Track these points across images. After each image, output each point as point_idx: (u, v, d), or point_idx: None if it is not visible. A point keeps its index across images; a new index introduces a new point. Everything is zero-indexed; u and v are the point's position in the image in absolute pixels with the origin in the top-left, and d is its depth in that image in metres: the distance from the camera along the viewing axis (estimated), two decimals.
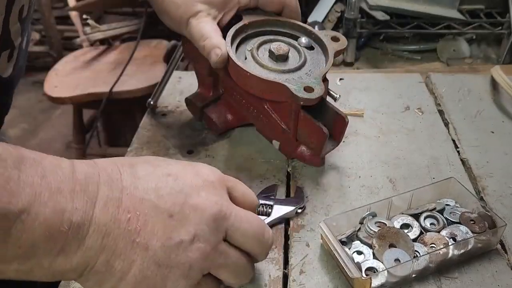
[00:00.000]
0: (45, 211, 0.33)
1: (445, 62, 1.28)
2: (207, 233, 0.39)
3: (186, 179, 0.40)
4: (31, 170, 0.33)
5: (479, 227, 0.52)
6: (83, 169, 0.37)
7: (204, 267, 0.40)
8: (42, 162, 0.35)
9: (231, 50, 0.59)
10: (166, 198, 0.38)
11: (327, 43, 0.61)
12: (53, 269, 0.35)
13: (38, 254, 0.34)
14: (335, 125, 0.60)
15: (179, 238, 0.38)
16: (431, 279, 0.50)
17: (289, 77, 0.58)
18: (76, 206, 0.35)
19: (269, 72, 0.58)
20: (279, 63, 0.60)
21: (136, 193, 0.38)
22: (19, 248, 0.33)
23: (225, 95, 0.70)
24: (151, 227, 0.37)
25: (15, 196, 0.32)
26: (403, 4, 1.28)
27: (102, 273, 0.37)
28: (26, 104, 2.81)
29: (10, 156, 0.33)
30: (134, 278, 0.37)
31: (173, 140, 0.70)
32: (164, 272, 0.38)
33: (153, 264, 0.37)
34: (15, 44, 0.52)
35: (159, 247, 0.37)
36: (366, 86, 0.83)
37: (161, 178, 0.40)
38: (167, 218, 0.38)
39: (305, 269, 0.51)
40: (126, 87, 1.70)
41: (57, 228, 0.34)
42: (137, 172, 0.39)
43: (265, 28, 0.64)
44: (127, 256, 0.37)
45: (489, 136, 0.71)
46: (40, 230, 0.33)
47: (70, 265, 0.35)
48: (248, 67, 0.58)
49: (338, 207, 0.59)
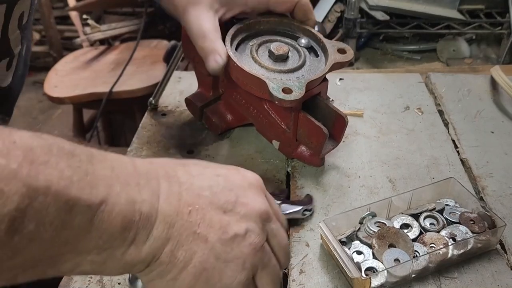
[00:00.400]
0: (120, 201, 0.35)
1: (445, 62, 1.28)
2: (257, 229, 0.41)
3: (235, 180, 0.42)
4: (101, 164, 0.35)
5: (478, 227, 0.52)
6: (143, 165, 0.39)
7: (255, 263, 0.41)
8: (108, 157, 0.37)
9: (229, 48, 0.59)
10: (219, 195, 0.40)
11: (330, 53, 0.60)
12: (124, 260, 0.36)
13: (114, 245, 0.35)
14: (335, 125, 0.60)
15: (233, 232, 0.39)
16: (431, 279, 0.50)
17: (277, 77, 0.57)
18: (144, 198, 0.36)
19: (265, 71, 0.58)
20: (278, 63, 0.60)
21: (193, 189, 0.40)
22: (100, 238, 0.34)
23: (225, 95, 0.70)
24: (209, 221, 0.39)
25: (94, 188, 0.33)
26: (403, 4, 1.28)
27: (166, 264, 0.38)
28: (26, 104, 2.81)
29: (82, 152, 0.35)
30: (194, 269, 0.38)
31: (173, 140, 0.70)
32: (221, 266, 0.39)
33: (212, 256, 0.39)
34: (15, 52, 0.52)
35: (217, 240, 0.39)
36: (366, 86, 0.83)
37: (213, 177, 0.42)
38: (221, 213, 0.40)
39: (305, 269, 0.51)
40: (126, 87, 1.70)
41: (130, 218, 0.35)
42: (190, 171, 0.41)
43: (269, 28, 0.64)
44: (189, 247, 0.38)
45: (489, 136, 0.71)
46: (117, 220, 0.34)
47: (139, 256, 0.37)
48: (242, 61, 0.58)
49: (338, 207, 0.59)
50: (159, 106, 0.78)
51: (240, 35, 0.62)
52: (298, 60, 0.60)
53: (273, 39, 0.62)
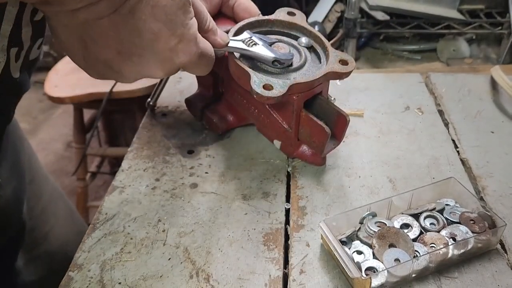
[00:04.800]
0: None
1: (445, 62, 1.29)
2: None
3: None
4: None
5: (479, 227, 0.52)
6: None
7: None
8: None
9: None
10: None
11: (330, 62, 0.59)
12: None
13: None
14: (337, 125, 0.60)
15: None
16: (431, 279, 0.50)
17: (267, 74, 0.57)
18: None
19: (262, 69, 0.58)
20: (277, 63, 0.59)
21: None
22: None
23: (226, 95, 0.70)
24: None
25: None
26: (403, 4, 1.28)
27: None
28: (26, 103, 2.81)
29: None
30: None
31: (173, 140, 0.71)
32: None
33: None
34: (24, 46, 0.52)
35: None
36: (366, 86, 0.83)
37: None
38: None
39: (305, 269, 0.51)
40: (126, 87, 1.70)
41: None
42: None
43: (271, 28, 0.64)
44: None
45: (489, 136, 0.71)
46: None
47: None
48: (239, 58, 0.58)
49: (338, 207, 0.59)
50: (159, 106, 0.78)
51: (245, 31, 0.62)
52: (297, 62, 0.60)
53: (278, 39, 0.62)
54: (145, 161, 0.66)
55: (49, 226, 0.83)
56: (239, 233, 0.55)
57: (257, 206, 0.59)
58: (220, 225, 0.56)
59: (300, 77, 0.58)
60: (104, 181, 2.26)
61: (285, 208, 0.59)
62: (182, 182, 0.63)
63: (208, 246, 0.54)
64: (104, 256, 0.53)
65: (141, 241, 0.55)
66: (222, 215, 0.58)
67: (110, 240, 0.55)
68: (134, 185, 0.62)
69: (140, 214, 0.58)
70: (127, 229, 0.56)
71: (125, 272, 0.51)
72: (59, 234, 0.85)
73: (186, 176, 0.64)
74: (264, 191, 0.61)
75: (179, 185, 0.62)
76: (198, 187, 0.62)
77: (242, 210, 0.58)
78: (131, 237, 0.55)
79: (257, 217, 0.57)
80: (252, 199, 0.60)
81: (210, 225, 0.56)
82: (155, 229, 0.56)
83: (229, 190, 0.61)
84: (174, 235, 0.55)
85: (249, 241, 0.54)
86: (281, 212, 0.58)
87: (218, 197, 0.60)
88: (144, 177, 0.64)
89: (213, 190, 0.62)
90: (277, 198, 0.60)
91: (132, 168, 0.65)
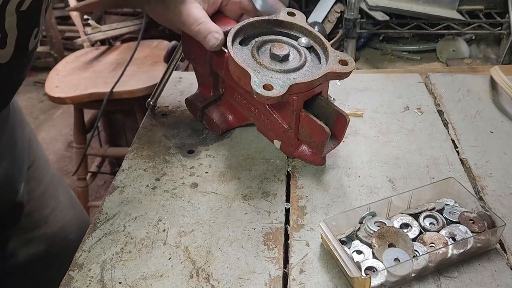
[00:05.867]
0: None
1: (445, 62, 1.29)
2: None
3: None
4: None
5: (478, 227, 0.53)
6: None
7: None
8: None
9: (230, 40, 0.59)
10: None
11: (330, 62, 0.59)
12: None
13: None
14: (337, 124, 0.60)
15: None
16: (431, 279, 0.50)
17: (268, 74, 0.57)
18: None
19: (263, 69, 0.58)
20: (275, 62, 0.60)
21: None
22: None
23: (226, 95, 0.70)
24: None
25: None
26: (402, 4, 1.28)
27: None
28: (27, 104, 2.81)
29: None
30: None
31: (173, 140, 0.71)
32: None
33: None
34: (8, 34, 0.52)
35: None
36: (366, 86, 0.83)
37: None
38: None
39: (305, 268, 0.51)
40: (127, 87, 1.70)
41: None
42: None
43: (271, 28, 0.64)
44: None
45: (488, 136, 0.71)
46: None
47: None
48: (239, 55, 0.58)
49: (338, 207, 0.59)
50: (160, 106, 0.78)
51: (246, 31, 0.62)
52: (297, 62, 0.60)
53: (278, 39, 0.63)
54: (145, 161, 0.67)
55: (50, 209, 0.84)
56: (239, 232, 0.56)
57: (257, 205, 0.59)
58: (220, 224, 0.57)
59: (300, 77, 0.58)
60: (104, 181, 2.27)
61: (285, 208, 0.59)
62: (182, 182, 0.63)
63: (208, 246, 0.54)
64: (104, 255, 0.53)
65: (141, 240, 0.55)
66: (222, 214, 0.58)
67: (110, 239, 0.55)
68: (135, 185, 0.63)
69: (141, 213, 0.58)
70: (128, 228, 0.56)
71: (125, 271, 0.51)
72: (60, 217, 0.86)
73: (186, 176, 0.64)
74: (264, 191, 0.61)
75: (179, 185, 0.62)
76: (198, 187, 0.62)
77: (242, 209, 0.59)
78: (131, 236, 0.55)
79: (257, 216, 0.58)
80: (252, 199, 0.60)
81: (210, 225, 0.57)
82: (156, 229, 0.56)
83: (229, 190, 0.62)
84: (174, 235, 0.55)
85: (249, 241, 0.54)
86: (281, 211, 0.58)
87: (218, 197, 0.61)
88: (145, 177, 0.64)
89: (213, 190, 0.62)
90: (277, 197, 0.60)
91: (132, 168, 0.65)
